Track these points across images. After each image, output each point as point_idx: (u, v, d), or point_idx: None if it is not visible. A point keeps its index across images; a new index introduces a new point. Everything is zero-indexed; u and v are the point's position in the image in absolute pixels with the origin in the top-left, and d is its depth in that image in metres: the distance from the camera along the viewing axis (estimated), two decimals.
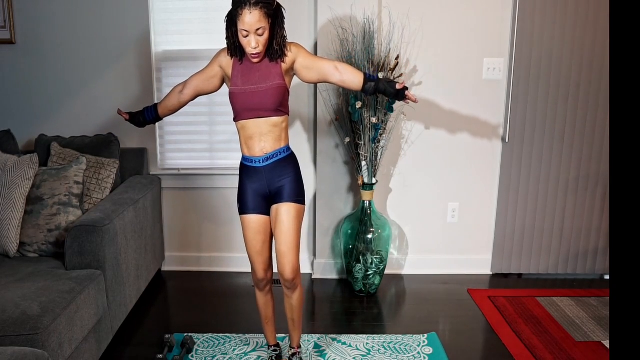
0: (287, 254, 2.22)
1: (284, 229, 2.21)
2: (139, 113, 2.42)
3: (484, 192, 3.43)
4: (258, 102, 2.13)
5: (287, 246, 2.22)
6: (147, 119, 2.40)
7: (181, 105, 2.34)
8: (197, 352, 2.59)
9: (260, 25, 2.01)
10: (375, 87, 2.25)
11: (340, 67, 2.24)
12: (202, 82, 2.27)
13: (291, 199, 2.22)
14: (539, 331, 2.76)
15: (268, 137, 2.18)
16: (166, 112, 2.38)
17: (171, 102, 2.34)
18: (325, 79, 2.25)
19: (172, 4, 3.25)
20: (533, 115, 3.26)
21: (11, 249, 2.55)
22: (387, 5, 3.15)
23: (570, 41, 3.17)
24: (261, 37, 2.05)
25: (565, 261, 3.44)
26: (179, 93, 2.31)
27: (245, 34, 2.03)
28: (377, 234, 3.16)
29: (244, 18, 2.00)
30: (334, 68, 2.23)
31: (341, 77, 2.23)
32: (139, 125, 2.44)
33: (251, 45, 2.05)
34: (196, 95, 2.32)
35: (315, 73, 2.22)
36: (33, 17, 3.24)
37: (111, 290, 2.50)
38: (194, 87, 2.29)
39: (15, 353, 1.56)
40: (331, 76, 2.23)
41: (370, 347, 2.63)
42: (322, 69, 2.22)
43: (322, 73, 2.22)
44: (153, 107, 2.39)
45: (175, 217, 3.51)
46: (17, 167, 2.61)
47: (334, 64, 2.23)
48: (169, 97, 2.34)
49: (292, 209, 2.22)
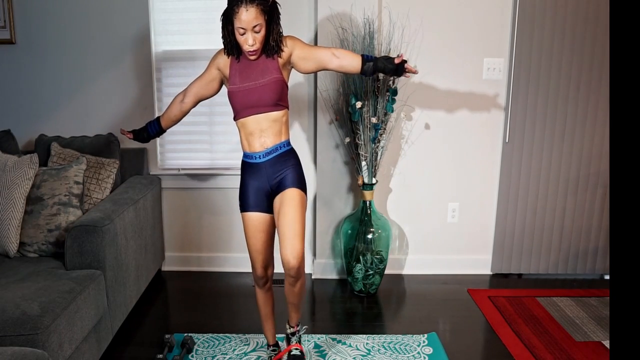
0: (291, 240, 2.14)
1: (289, 214, 2.16)
2: (143, 129, 2.43)
3: (484, 192, 3.43)
4: (257, 99, 2.14)
5: (292, 231, 2.14)
6: (151, 133, 2.42)
7: (183, 114, 2.36)
8: (197, 352, 2.59)
9: (257, 22, 2.02)
10: (374, 66, 2.25)
11: (337, 52, 2.24)
12: (201, 87, 2.28)
13: (294, 184, 2.20)
14: (539, 331, 2.76)
15: (268, 132, 2.19)
16: (169, 123, 2.39)
17: (173, 113, 2.36)
18: (324, 67, 2.25)
19: (172, 4, 3.25)
20: (533, 115, 3.26)
21: (11, 249, 2.55)
22: (387, 5, 3.15)
23: (570, 41, 3.17)
24: (258, 34, 2.06)
25: (565, 261, 3.44)
26: (180, 102, 2.33)
27: (242, 31, 2.04)
28: (377, 234, 3.16)
29: (240, 16, 2.01)
30: (331, 54, 2.23)
31: (339, 62, 2.24)
32: (144, 141, 2.46)
33: (248, 43, 2.06)
34: (197, 102, 2.33)
35: (313, 62, 2.23)
36: (33, 17, 3.24)
37: (111, 290, 2.50)
38: (194, 94, 2.30)
39: (15, 353, 1.56)
40: (329, 62, 2.23)
41: (370, 347, 2.63)
42: (319, 57, 2.22)
43: (320, 61, 2.23)
44: (156, 121, 2.41)
45: (175, 217, 3.51)
46: (17, 167, 2.61)
47: (330, 51, 2.24)
48: (171, 107, 2.36)
49: (296, 194, 2.19)
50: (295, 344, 2.45)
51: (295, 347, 2.43)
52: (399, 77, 2.32)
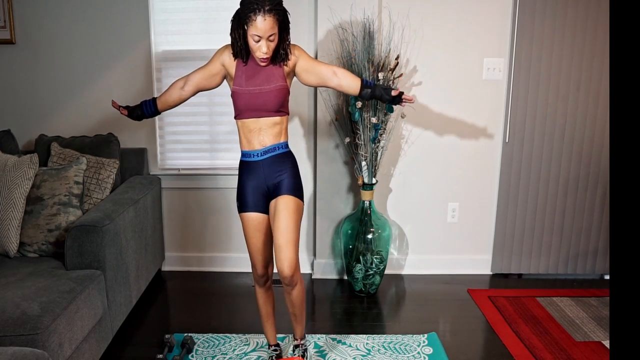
0: (284, 248, 2.17)
1: (282, 221, 2.18)
2: (137, 107, 2.38)
3: (484, 192, 3.43)
4: (261, 103, 2.16)
5: (285, 239, 2.17)
6: (146, 113, 2.37)
7: (181, 101, 2.33)
8: (197, 352, 2.59)
9: (272, 32, 2.04)
10: (371, 93, 2.30)
11: (339, 72, 2.27)
12: (203, 79, 2.27)
13: (290, 192, 2.21)
14: (539, 331, 2.76)
15: (267, 132, 2.20)
16: (166, 107, 2.36)
17: (171, 98, 2.33)
18: (324, 83, 2.29)
19: (172, 4, 3.25)
20: (533, 115, 3.26)
21: (11, 249, 2.55)
22: (387, 5, 3.15)
23: (570, 41, 3.17)
24: (272, 43, 2.08)
25: (565, 261, 3.44)
26: (180, 89, 2.30)
27: (257, 39, 2.05)
28: (377, 234, 3.16)
29: (257, 24, 2.01)
30: (332, 73, 2.27)
31: (339, 82, 2.28)
32: (137, 119, 2.40)
33: (262, 51, 2.07)
34: (197, 92, 2.32)
35: (315, 77, 2.26)
36: (33, 17, 3.24)
37: (111, 290, 2.50)
38: (195, 84, 2.29)
39: (15, 353, 1.56)
40: (329, 80, 2.27)
41: (370, 347, 2.63)
42: (321, 73, 2.26)
43: (321, 77, 2.26)
44: (152, 101, 2.36)
45: (175, 217, 3.51)
46: (17, 167, 2.61)
47: (332, 69, 2.27)
48: (169, 92, 2.32)
49: (291, 202, 2.21)
50: (297, 357, 2.43)
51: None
52: (396, 105, 2.37)
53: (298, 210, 2.23)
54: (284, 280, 2.23)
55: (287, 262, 2.17)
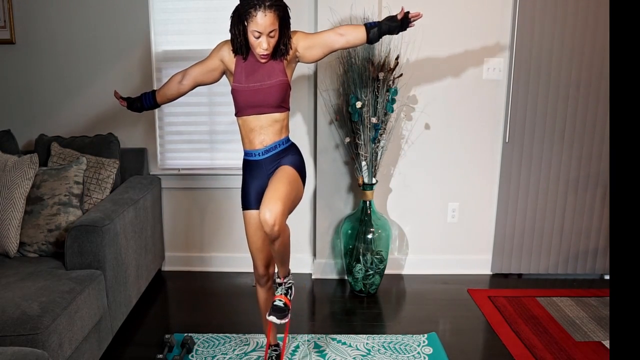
0: (270, 200, 2.00)
1: (275, 181, 2.09)
2: (137, 99, 2.41)
3: (484, 192, 3.43)
4: (262, 99, 2.15)
5: (275, 193, 2.02)
6: (145, 106, 2.40)
7: (180, 94, 2.34)
8: (197, 352, 2.59)
9: (273, 28, 2.03)
10: (379, 31, 2.23)
11: (341, 30, 2.23)
12: (202, 74, 2.27)
13: (289, 163, 2.18)
14: (539, 331, 2.76)
15: (268, 131, 2.19)
16: (164, 100, 2.37)
17: (170, 92, 2.34)
18: (331, 49, 2.24)
19: (172, 4, 3.25)
20: (533, 115, 3.26)
21: (11, 249, 2.55)
22: (387, 5, 3.15)
23: (570, 41, 3.17)
24: (272, 39, 2.07)
25: (565, 261, 3.44)
26: (178, 83, 2.30)
27: (258, 35, 2.04)
28: (377, 234, 3.16)
29: (257, 20, 2.00)
30: (337, 34, 2.22)
31: (346, 39, 2.22)
32: (137, 110, 2.44)
33: (262, 47, 2.06)
34: (196, 86, 2.32)
35: (319, 48, 2.22)
36: (33, 17, 3.24)
37: (111, 290, 2.50)
38: (193, 78, 2.29)
39: (15, 353, 1.56)
40: (335, 43, 2.22)
41: (370, 347, 2.63)
42: (325, 40, 2.21)
43: (326, 44, 2.22)
44: (151, 94, 2.38)
45: (175, 217, 3.51)
46: (17, 167, 2.61)
47: (334, 31, 2.23)
48: (168, 85, 2.33)
49: (289, 169, 2.16)
50: (279, 295, 2.26)
51: (279, 299, 2.25)
52: (406, 29, 2.26)
53: (294, 178, 2.15)
54: (265, 228, 2.01)
55: (270, 212, 1.97)
